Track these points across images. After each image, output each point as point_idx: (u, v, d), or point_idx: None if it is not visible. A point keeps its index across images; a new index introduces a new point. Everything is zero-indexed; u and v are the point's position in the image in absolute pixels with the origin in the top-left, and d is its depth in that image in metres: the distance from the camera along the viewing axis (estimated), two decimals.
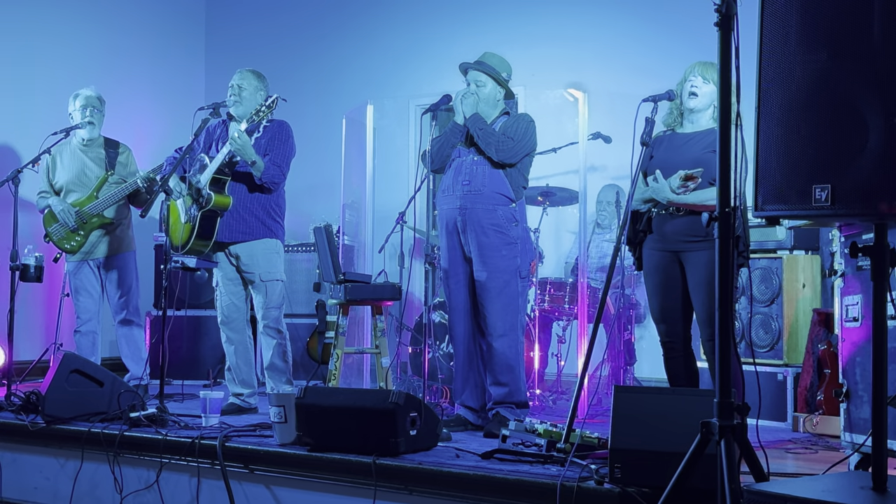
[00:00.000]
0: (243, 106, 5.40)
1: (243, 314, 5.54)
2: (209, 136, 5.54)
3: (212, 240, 5.31)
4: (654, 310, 4.40)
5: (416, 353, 6.34)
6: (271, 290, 5.43)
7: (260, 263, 5.41)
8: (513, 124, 4.83)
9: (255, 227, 5.39)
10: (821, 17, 2.66)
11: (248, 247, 5.40)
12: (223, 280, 5.50)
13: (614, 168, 6.83)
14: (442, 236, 4.95)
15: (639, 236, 4.37)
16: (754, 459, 2.79)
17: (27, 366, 6.77)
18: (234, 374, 5.50)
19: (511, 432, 3.99)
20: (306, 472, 4.10)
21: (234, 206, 5.32)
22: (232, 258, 5.44)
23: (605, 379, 6.02)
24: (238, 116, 5.41)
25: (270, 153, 5.34)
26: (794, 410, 5.18)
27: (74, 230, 6.04)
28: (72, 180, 6.13)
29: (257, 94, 5.43)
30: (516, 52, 6.85)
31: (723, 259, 2.71)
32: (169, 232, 5.33)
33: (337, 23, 8.63)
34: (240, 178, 5.35)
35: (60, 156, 6.21)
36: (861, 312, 3.84)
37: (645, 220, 4.35)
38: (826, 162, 2.62)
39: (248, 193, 5.37)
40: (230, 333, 5.50)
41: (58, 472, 4.85)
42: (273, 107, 5.25)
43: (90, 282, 6.18)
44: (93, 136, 6.19)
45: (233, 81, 5.46)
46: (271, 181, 5.33)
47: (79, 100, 6.18)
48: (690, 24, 6.12)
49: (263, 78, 5.53)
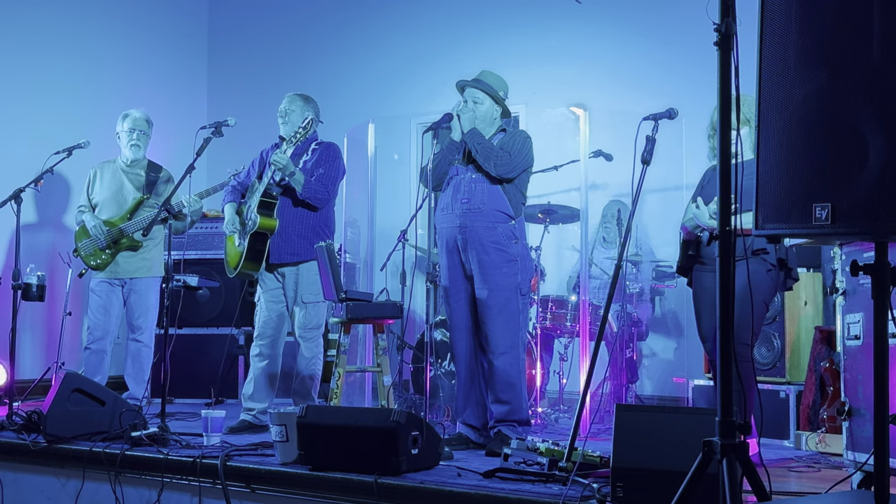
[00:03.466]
0: (290, 127, 5.53)
1: (279, 332, 5.58)
2: (262, 160, 5.67)
3: (261, 263, 5.41)
4: (700, 329, 4.52)
5: (418, 372, 6.34)
6: (311, 310, 5.49)
7: (304, 285, 5.47)
8: (510, 140, 4.85)
9: (302, 249, 5.45)
10: (820, 35, 2.66)
11: (296, 268, 5.47)
12: (265, 296, 5.56)
13: (615, 186, 6.84)
14: (442, 255, 4.96)
15: (690, 262, 4.53)
16: (756, 478, 2.78)
17: (29, 385, 6.77)
18: (254, 389, 5.50)
19: (513, 451, 3.98)
20: (308, 492, 4.09)
21: (283, 228, 5.40)
22: (279, 277, 5.51)
23: (607, 397, 6.01)
24: (287, 138, 5.51)
25: (316, 173, 5.42)
26: (796, 428, 5.16)
27: (103, 248, 6.10)
28: (108, 199, 6.23)
29: (304, 116, 5.54)
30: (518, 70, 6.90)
31: (723, 277, 2.71)
32: (226, 256, 5.59)
33: (338, 43, 8.66)
34: (287, 199, 5.43)
35: (102, 173, 6.31)
36: (863, 330, 3.84)
37: (694, 245, 4.50)
38: (826, 180, 2.62)
39: (296, 214, 5.44)
40: (263, 348, 5.53)
41: (59, 491, 4.84)
42: (309, 128, 5.39)
43: (110, 301, 6.22)
44: (137, 157, 6.28)
45: (281, 106, 5.61)
46: (314, 196, 5.38)
47: (127, 122, 6.27)
48: (691, 42, 6.14)
49: (310, 100, 5.66)
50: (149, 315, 6.29)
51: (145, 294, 6.26)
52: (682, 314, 6.74)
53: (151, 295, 6.29)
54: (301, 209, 5.44)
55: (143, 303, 6.26)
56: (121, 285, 6.24)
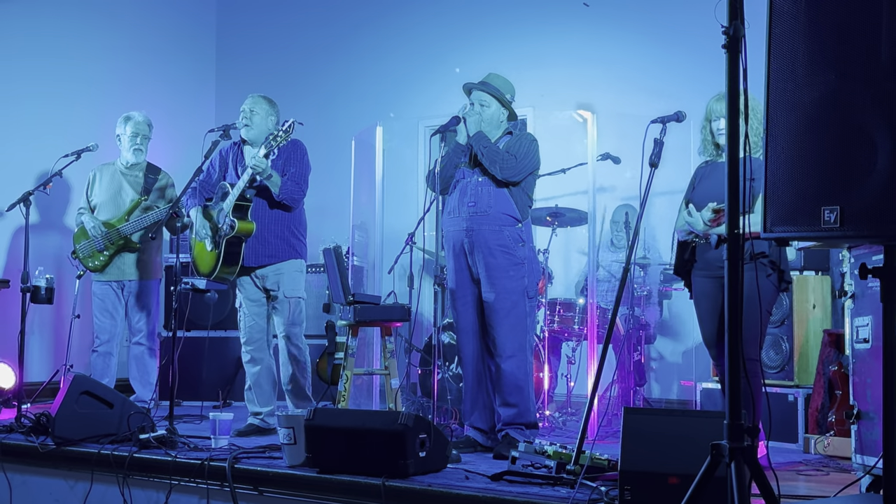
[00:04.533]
0: (254, 130, 5.46)
1: (266, 335, 5.57)
2: (223, 159, 5.59)
3: (238, 266, 5.36)
4: (705, 334, 4.48)
5: (426, 375, 6.34)
6: (294, 307, 5.47)
7: (285, 282, 5.46)
8: (516, 143, 4.85)
9: (280, 249, 5.44)
10: (829, 38, 2.66)
11: (275, 268, 5.45)
12: (246, 301, 5.53)
13: (623, 189, 6.84)
14: (449, 258, 4.96)
15: (686, 265, 4.49)
16: (765, 482, 2.77)
17: (37, 387, 6.78)
18: (255, 394, 5.51)
19: (521, 454, 3.98)
20: (315, 494, 4.09)
21: (259, 230, 5.36)
22: (258, 280, 5.49)
23: (615, 400, 6.01)
24: (250, 140, 5.46)
25: (288, 172, 5.39)
26: (804, 432, 5.15)
27: (101, 250, 6.12)
28: (106, 201, 6.25)
29: (268, 119, 5.49)
30: (525, 73, 6.89)
31: (732, 280, 2.70)
32: (195, 260, 5.47)
33: (346, 46, 8.68)
34: (261, 200, 5.39)
35: (101, 175, 6.33)
36: (872, 333, 3.83)
37: (690, 250, 4.46)
38: (835, 183, 2.62)
39: (270, 215, 5.41)
40: (254, 353, 5.52)
41: (67, 493, 4.85)
42: (290, 131, 5.30)
43: (112, 303, 6.24)
44: (138, 160, 6.30)
45: (244, 106, 5.51)
46: (290, 197, 5.37)
47: (129, 126, 6.29)
48: (699, 45, 6.12)
49: (274, 103, 5.59)
50: (149, 318, 6.31)
51: (145, 297, 6.28)
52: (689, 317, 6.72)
53: (151, 297, 6.30)
54: (276, 210, 5.41)
55: (144, 305, 6.27)
56: (120, 288, 6.25)
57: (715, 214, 4.19)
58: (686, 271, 4.52)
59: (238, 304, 5.61)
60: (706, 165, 4.53)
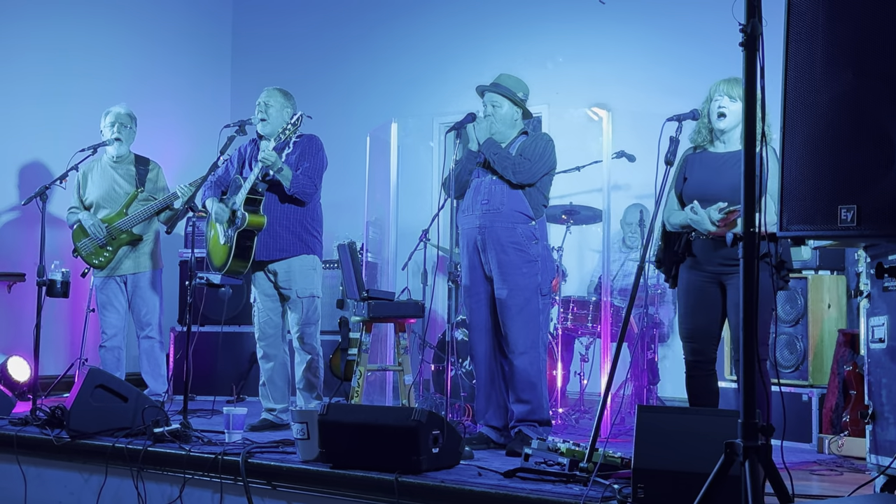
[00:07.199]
0: (270, 124, 5.45)
1: (280, 330, 5.57)
2: (241, 156, 5.60)
3: (249, 260, 5.35)
4: (685, 329, 4.38)
5: (439, 371, 6.34)
6: (307, 306, 5.46)
7: (297, 280, 5.44)
8: (531, 144, 4.84)
9: (291, 244, 5.43)
10: (846, 37, 2.65)
11: (286, 264, 5.44)
12: (260, 297, 5.54)
13: (638, 187, 6.83)
14: (463, 255, 4.96)
15: (675, 258, 4.36)
16: (779, 481, 2.77)
17: (53, 380, 6.82)
18: (269, 390, 5.52)
19: (534, 451, 3.97)
20: (328, 489, 4.10)
21: (270, 224, 5.35)
22: (270, 275, 5.48)
23: (629, 398, 5.99)
24: (266, 135, 5.46)
25: (301, 166, 5.38)
26: (819, 432, 5.13)
27: (103, 246, 6.12)
28: (102, 197, 6.22)
29: (284, 112, 5.47)
30: (540, 71, 6.90)
31: (747, 278, 2.69)
32: (210, 253, 5.48)
33: (361, 43, 8.69)
34: (273, 194, 5.38)
35: (91, 172, 6.31)
36: (887, 333, 3.81)
37: (683, 242, 4.32)
38: (852, 182, 2.61)
39: (283, 210, 5.40)
40: (267, 349, 5.53)
41: (82, 486, 4.88)
42: (298, 124, 5.29)
43: (116, 297, 6.24)
44: (121, 152, 6.26)
45: (260, 99, 5.50)
46: (302, 191, 5.35)
47: (109, 116, 6.27)
48: (715, 42, 6.11)
49: (290, 96, 5.57)
50: (155, 311, 6.31)
51: (149, 288, 6.28)
52: None
53: (154, 290, 6.31)
54: (288, 205, 5.41)
55: (148, 297, 6.27)
56: (123, 282, 6.26)
57: (723, 215, 4.10)
58: (673, 262, 4.39)
59: (252, 299, 5.62)
60: (694, 153, 4.40)
